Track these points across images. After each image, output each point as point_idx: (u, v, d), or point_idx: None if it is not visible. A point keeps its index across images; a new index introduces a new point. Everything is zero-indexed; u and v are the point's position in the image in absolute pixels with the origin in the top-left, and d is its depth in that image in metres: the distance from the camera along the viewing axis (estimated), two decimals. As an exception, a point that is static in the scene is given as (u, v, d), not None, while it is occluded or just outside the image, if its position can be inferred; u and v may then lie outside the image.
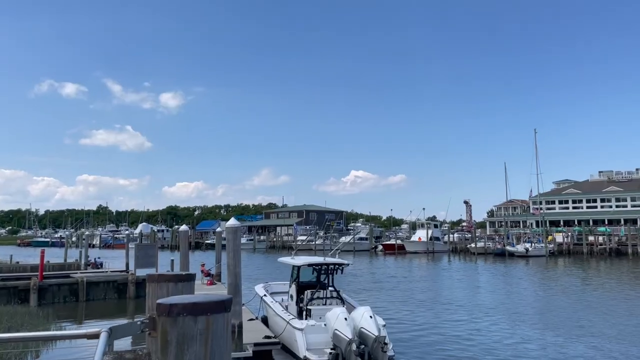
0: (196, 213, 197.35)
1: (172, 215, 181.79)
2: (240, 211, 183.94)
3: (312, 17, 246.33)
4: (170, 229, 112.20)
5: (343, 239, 76.46)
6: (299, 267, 15.14)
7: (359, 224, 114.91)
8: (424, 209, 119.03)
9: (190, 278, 4.76)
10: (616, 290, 30.28)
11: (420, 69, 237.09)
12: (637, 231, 63.62)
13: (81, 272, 29.25)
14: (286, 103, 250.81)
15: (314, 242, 75.84)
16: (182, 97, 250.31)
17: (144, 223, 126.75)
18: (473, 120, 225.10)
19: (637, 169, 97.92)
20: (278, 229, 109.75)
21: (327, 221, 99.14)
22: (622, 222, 78.01)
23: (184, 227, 25.70)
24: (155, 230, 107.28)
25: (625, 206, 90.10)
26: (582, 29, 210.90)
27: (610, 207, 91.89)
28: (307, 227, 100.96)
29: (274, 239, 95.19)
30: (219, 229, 36.43)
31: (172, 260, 26.98)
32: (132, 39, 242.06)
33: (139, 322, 3.35)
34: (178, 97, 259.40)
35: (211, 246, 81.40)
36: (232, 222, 13.58)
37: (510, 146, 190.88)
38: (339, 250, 20.25)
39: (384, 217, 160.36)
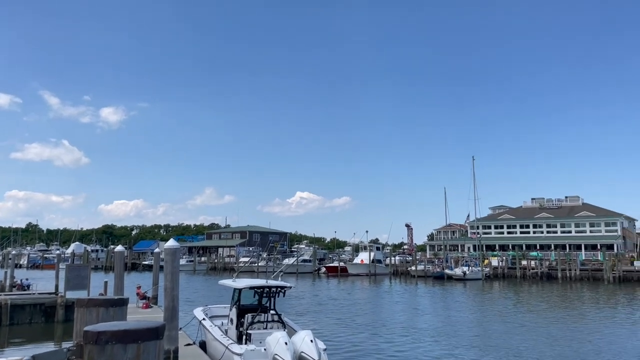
0: (134, 232, 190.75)
1: (108, 234, 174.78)
2: (181, 231, 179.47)
3: (259, 35, 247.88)
4: (105, 249, 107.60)
5: (286, 261, 75.79)
6: (240, 290, 14.84)
7: (303, 246, 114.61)
8: (367, 231, 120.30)
9: (123, 302, 4.53)
10: (547, 313, 31.60)
11: (367, 92, 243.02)
12: (566, 256, 67.01)
13: (5, 294, 27.33)
14: (232, 122, 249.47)
15: (256, 264, 74.89)
16: (124, 112, 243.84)
17: (77, 242, 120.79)
18: (416, 145, 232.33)
19: (566, 197, 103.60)
20: (220, 250, 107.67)
21: (271, 243, 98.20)
22: (553, 247, 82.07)
23: (119, 248, 24.67)
24: (89, 250, 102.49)
25: (556, 232, 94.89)
26: (519, 62, 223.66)
27: (542, 232, 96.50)
28: (250, 249, 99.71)
29: (215, 261, 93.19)
30: (157, 250, 35.28)
31: (106, 282, 25.78)
32: (73, 50, 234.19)
33: (65, 350, 3.16)
34: (120, 112, 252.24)
35: (148, 267, 78.78)
36: (171, 242, 13.19)
37: (451, 172, 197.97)
38: (282, 273, 20.07)
39: (328, 239, 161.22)
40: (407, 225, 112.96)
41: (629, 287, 51.09)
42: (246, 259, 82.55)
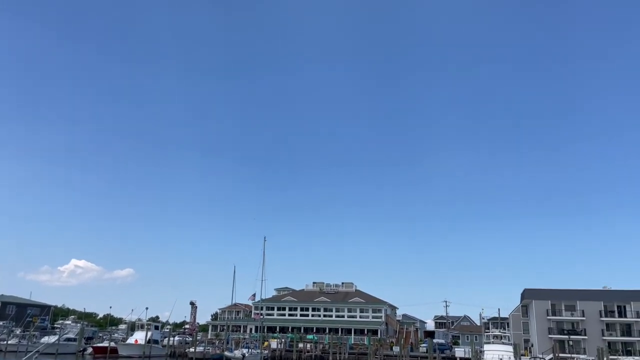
0: None
1: None
2: None
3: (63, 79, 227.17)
4: None
5: (46, 339, 66.26)
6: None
7: (69, 322, 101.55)
8: (147, 308, 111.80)
9: None
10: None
11: (165, 157, 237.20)
12: (338, 340, 71.67)
13: None
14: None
15: (6, 342, 63.75)
16: None
17: None
18: (209, 221, 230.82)
19: (342, 283, 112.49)
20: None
21: (29, 317, 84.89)
22: (328, 330, 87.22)
23: None
24: None
25: (331, 316, 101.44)
26: (311, 153, 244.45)
27: (320, 315, 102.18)
28: (1, 323, 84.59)
29: (-52, 337, 76.04)
30: None
31: None
32: None
33: None
34: None
35: None
36: None
37: (244, 250, 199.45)
38: (37, 353, 17.43)
39: (101, 315, 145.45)
40: (192, 303, 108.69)
41: (387, 370, 56.33)
42: (-7, 336, 69.65)
